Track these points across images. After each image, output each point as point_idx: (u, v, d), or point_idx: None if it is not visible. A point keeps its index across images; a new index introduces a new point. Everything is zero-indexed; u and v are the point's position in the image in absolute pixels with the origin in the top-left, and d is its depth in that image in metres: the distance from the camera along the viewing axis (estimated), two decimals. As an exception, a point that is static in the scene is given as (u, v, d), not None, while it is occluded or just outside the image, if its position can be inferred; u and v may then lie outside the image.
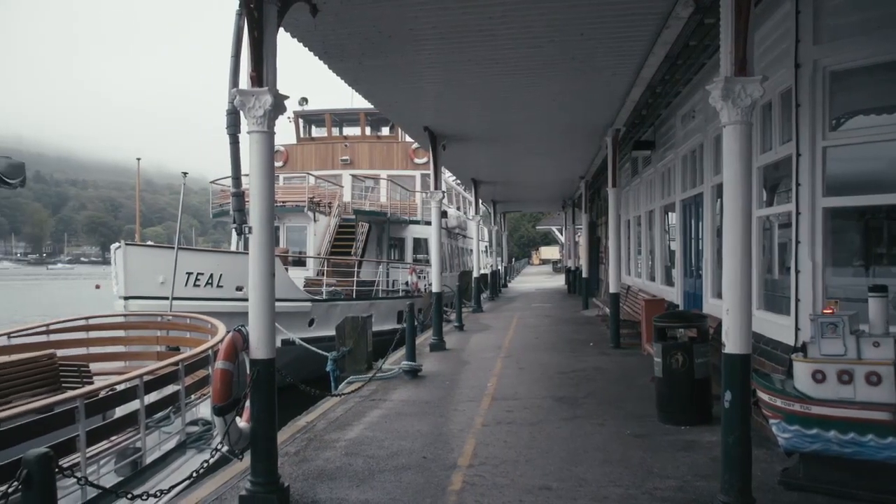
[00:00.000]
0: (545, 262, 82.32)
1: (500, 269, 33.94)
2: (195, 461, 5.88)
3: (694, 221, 10.50)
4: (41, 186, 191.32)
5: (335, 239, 22.91)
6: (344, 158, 26.48)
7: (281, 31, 5.08)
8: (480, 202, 24.07)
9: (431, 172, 13.15)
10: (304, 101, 27.49)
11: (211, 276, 14.68)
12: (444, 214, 22.76)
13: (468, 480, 5.27)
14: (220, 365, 4.86)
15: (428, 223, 23.58)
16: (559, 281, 39.49)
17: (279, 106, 4.86)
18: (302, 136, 27.74)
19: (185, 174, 13.63)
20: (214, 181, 23.55)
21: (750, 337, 4.40)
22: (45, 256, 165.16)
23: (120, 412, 6.01)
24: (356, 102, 19.76)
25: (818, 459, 4.66)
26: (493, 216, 33.24)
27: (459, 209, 35.95)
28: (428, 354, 11.97)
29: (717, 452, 4.86)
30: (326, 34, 6.95)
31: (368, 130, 27.98)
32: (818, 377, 4.58)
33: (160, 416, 6.83)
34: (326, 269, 19.79)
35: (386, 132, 28.35)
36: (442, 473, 5.45)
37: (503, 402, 8.04)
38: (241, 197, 11.90)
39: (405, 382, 9.51)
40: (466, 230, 34.96)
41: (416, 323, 11.53)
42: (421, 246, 26.26)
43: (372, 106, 10.97)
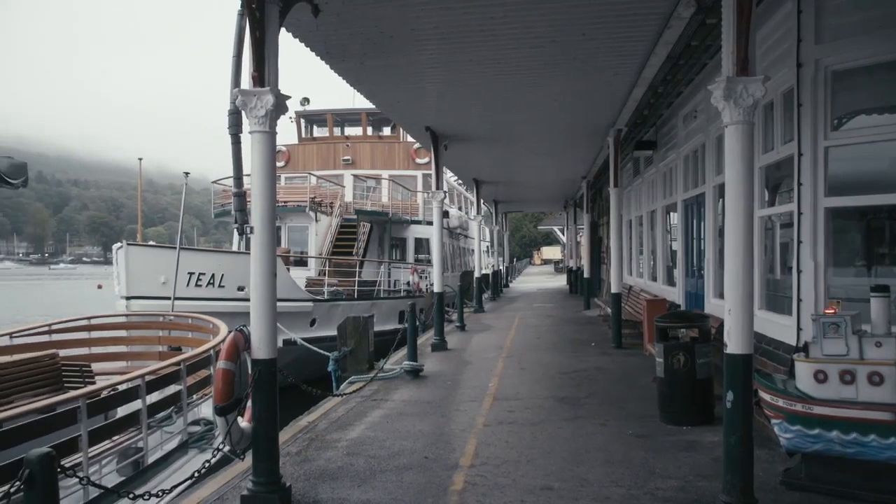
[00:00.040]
0: (547, 262, 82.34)
1: (501, 269, 33.93)
2: (197, 461, 5.89)
3: (696, 221, 10.49)
4: (43, 186, 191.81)
5: (337, 239, 22.92)
6: (345, 158, 26.49)
7: (283, 31, 5.09)
8: (482, 202, 24.06)
9: (433, 172, 13.15)
10: (305, 101, 27.52)
11: (213, 276, 14.70)
12: (445, 214, 22.79)
13: (470, 480, 5.27)
14: (221, 365, 4.86)
15: (429, 223, 23.61)
16: (561, 281, 39.47)
17: (281, 106, 4.87)
18: (303, 136, 27.77)
19: (186, 174, 13.67)
20: (216, 181, 23.57)
21: (752, 337, 4.40)
22: (47, 256, 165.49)
23: (122, 412, 6.02)
24: (358, 102, 19.82)
25: (820, 460, 4.66)
26: (494, 216, 33.24)
27: (461, 209, 35.95)
28: (429, 354, 11.97)
29: (718, 452, 4.86)
30: (328, 34, 6.95)
31: (370, 130, 28.01)
32: (820, 377, 4.57)
33: (162, 415, 6.84)
34: (328, 269, 19.80)
35: (387, 132, 28.38)
36: (443, 473, 5.45)
37: (505, 402, 8.04)
38: (242, 197, 11.93)
39: (407, 382, 9.51)
40: (468, 230, 34.94)
41: (417, 323, 11.53)
42: (422, 246, 26.26)
43: (373, 106, 10.97)
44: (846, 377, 4.48)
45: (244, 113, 4.89)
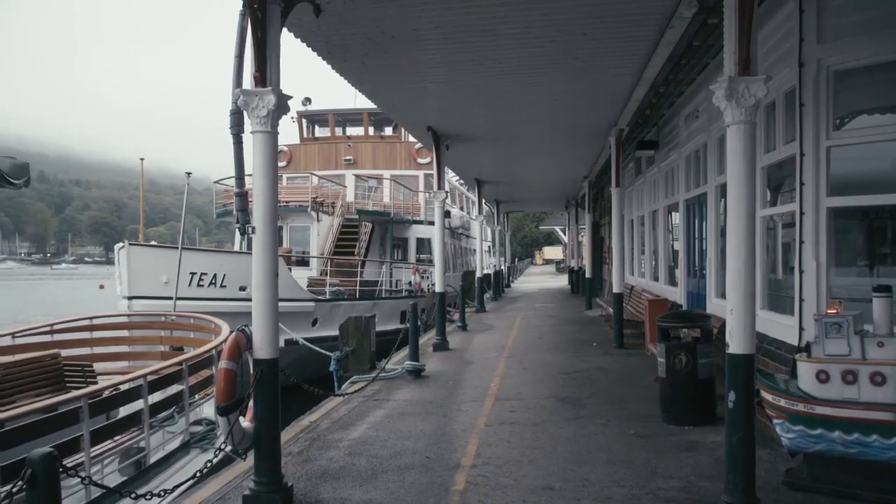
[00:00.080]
0: (548, 262, 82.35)
1: (503, 269, 33.92)
2: (199, 461, 5.91)
3: (697, 221, 10.49)
4: (44, 186, 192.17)
5: (338, 239, 22.94)
6: (347, 158, 26.50)
7: (284, 31, 5.09)
8: (483, 202, 24.06)
9: (434, 172, 13.14)
10: (307, 101, 27.52)
11: (214, 276, 14.71)
12: (447, 214, 22.78)
13: (471, 480, 5.27)
14: (223, 365, 4.86)
15: (431, 223, 23.60)
16: (562, 281, 39.48)
17: (282, 106, 4.87)
18: (305, 136, 27.79)
19: (188, 174, 13.68)
20: (218, 181, 23.60)
21: (753, 337, 4.39)
22: (48, 256, 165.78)
23: (124, 412, 6.03)
24: (359, 102, 19.81)
25: (822, 460, 4.65)
26: (496, 216, 33.21)
27: (462, 209, 35.96)
28: (431, 354, 11.97)
29: (720, 453, 4.86)
30: (330, 34, 6.96)
31: (371, 130, 28.02)
32: (822, 377, 4.57)
33: (164, 415, 6.84)
34: (330, 269, 19.82)
35: (389, 132, 28.40)
36: (445, 473, 5.45)
37: (506, 402, 8.04)
38: (244, 197, 11.92)
39: (408, 382, 9.51)
40: (469, 230, 34.95)
41: (419, 323, 11.53)
42: (424, 246, 26.26)
43: (375, 106, 10.97)
44: (848, 377, 4.47)
45: (246, 113, 4.89)
